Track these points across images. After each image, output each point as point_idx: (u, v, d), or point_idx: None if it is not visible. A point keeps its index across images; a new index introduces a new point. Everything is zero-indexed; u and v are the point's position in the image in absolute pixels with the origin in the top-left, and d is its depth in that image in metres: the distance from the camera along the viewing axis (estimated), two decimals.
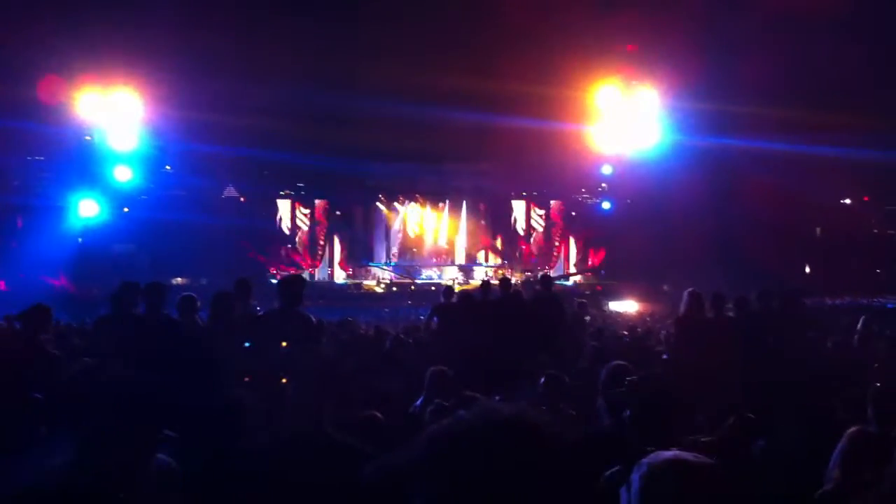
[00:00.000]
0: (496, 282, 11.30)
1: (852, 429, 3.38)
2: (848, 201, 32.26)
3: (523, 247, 36.50)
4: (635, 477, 1.91)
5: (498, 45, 24.70)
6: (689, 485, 1.83)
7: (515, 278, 26.58)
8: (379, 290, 32.69)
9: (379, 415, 4.68)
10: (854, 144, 23.79)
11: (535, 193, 36.57)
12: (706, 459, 1.89)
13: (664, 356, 7.86)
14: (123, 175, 25.02)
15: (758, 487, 3.53)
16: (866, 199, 31.91)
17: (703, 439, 3.78)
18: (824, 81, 23.35)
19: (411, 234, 36.69)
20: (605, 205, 30.21)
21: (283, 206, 35.80)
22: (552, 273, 29.42)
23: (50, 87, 22.71)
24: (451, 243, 36.63)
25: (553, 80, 24.46)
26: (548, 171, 33.28)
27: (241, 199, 34.14)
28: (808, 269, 29.41)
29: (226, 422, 3.79)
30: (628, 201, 29.52)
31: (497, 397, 4.79)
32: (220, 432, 3.63)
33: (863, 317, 9.34)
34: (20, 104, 22.47)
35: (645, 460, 1.92)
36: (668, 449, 1.98)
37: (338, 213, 36.37)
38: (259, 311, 7.66)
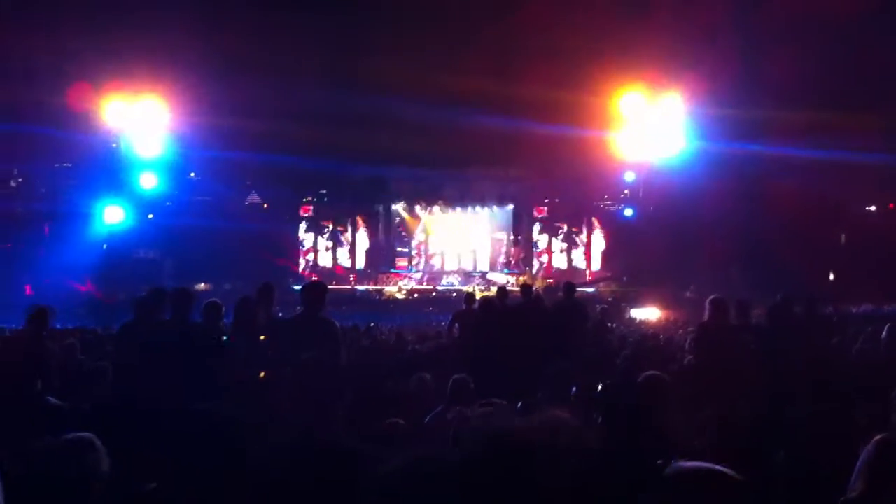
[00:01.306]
0: (515, 288, 11.31)
1: (878, 437, 3.36)
2: (873, 208, 31.96)
3: (544, 254, 36.46)
4: (655, 486, 1.91)
5: (523, 51, 24.76)
6: (710, 495, 1.83)
7: (537, 285, 26.56)
8: (400, 296, 32.74)
9: (401, 421, 4.69)
10: (880, 150, 23.58)
11: (558, 200, 36.48)
12: (728, 470, 1.89)
13: (686, 360, 7.80)
14: (149, 182, 25.28)
15: (780, 495, 3.52)
16: (892, 206, 31.61)
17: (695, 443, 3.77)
18: (849, 87, 23.20)
19: (433, 241, 36.71)
20: (628, 211, 30.15)
21: (306, 212, 36.05)
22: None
23: (77, 95, 22.98)
24: (473, 250, 36.62)
25: (578, 86, 24.47)
26: (571, 178, 33.26)
27: (265, 206, 34.33)
28: (832, 276, 29.14)
29: (245, 427, 3.81)
30: (651, 208, 29.41)
31: (519, 404, 4.80)
32: (240, 438, 3.65)
33: (888, 324, 9.24)
34: (48, 112, 22.76)
35: (666, 471, 1.92)
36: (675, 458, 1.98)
37: (359, 219, 36.50)
38: (281, 316, 7.71)
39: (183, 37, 22.33)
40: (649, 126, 25.76)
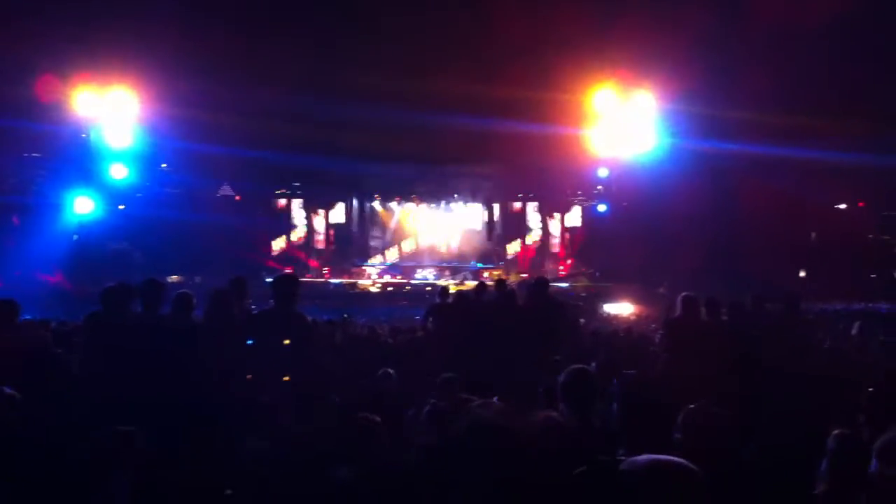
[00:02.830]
0: (491, 283, 11.30)
1: (836, 431, 3.41)
2: (843, 206, 32.31)
3: (518, 249, 36.58)
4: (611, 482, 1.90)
5: (497, 49, 24.71)
6: (666, 487, 1.83)
7: (511, 279, 26.60)
8: (374, 290, 32.67)
9: (376, 418, 4.68)
10: (850, 149, 23.82)
11: (531, 195, 36.62)
12: (681, 461, 1.89)
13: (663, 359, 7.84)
14: (119, 172, 25.06)
15: (748, 489, 3.54)
16: (861, 204, 31.96)
17: (677, 435, 3.77)
18: (821, 86, 23.40)
19: (406, 234, 36.73)
20: (601, 207, 30.29)
21: (279, 205, 35.93)
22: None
23: (47, 86, 22.72)
24: (447, 244, 36.69)
25: (551, 83, 24.51)
26: (545, 174, 33.38)
27: (237, 198, 34.14)
28: (802, 274, 29.45)
29: (217, 420, 3.79)
30: (624, 204, 29.57)
31: (495, 398, 4.81)
32: (210, 431, 3.64)
33: (857, 322, 9.36)
34: (17, 102, 22.46)
35: (622, 465, 1.92)
36: (653, 445, 1.98)
37: (333, 212, 36.43)
38: (254, 309, 7.64)
39: (154, 27, 22.12)
40: (622, 123, 25.93)
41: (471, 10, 25.08)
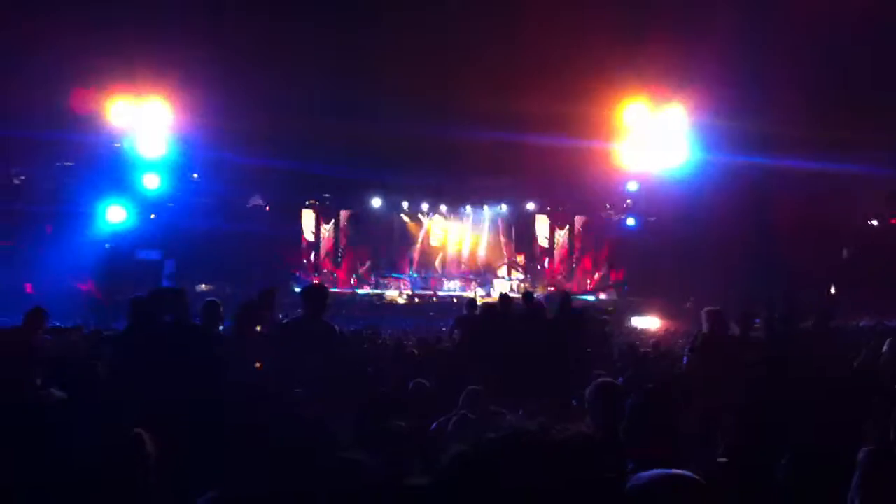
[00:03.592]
0: (516, 295, 11.30)
1: (867, 448, 3.38)
2: (875, 222, 31.94)
3: (546, 262, 36.47)
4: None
5: (528, 63, 24.77)
6: (672, 502, 1.82)
7: (538, 293, 26.54)
8: (401, 301, 32.70)
9: (402, 424, 4.69)
10: (882, 164, 23.59)
11: (560, 209, 36.54)
12: (686, 473, 1.89)
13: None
14: (151, 182, 25.32)
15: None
16: (893, 220, 31.58)
17: (720, 460, 3.76)
18: (853, 100, 23.21)
19: (435, 246, 36.74)
20: (630, 221, 30.18)
21: (308, 215, 36.05)
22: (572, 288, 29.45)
23: (82, 96, 23.03)
24: (474, 256, 36.68)
25: (581, 97, 24.49)
26: (574, 187, 33.33)
27: (266, 208, 34.34)
28: (833, 290, 29.11)
29: (241, 431, 3.81)
30: (653, 218, 29.43)
31: (520, 411, 4.80)
32: (234, 441, 3.65)
33: (889, 339, 9.24)
34: (52, 112, 22.77)
35: (630, 481, 1.91)
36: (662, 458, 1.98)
37: (361, 223, 36.52)
38: (283, 319, 7.69)
39: (188, 39, 22.38)
40: (652, 137, 25.83)
41: (502, 24, 25.16)
